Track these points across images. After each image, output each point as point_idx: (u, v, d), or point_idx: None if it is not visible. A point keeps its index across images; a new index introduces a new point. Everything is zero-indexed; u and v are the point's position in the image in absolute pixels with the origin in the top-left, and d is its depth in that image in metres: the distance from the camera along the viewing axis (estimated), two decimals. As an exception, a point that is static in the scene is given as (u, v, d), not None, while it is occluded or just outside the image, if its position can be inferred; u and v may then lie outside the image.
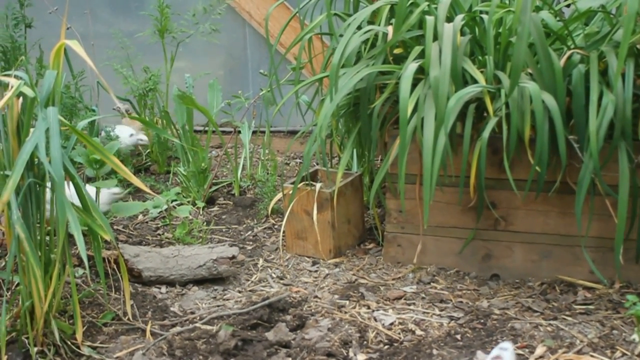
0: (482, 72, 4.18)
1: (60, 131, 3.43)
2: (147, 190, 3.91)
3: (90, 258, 4.09)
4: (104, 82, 3.85)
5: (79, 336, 3.62)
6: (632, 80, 3.88)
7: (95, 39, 6.82)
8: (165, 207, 4.95)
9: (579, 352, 3.60)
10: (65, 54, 5.77)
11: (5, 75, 3.61)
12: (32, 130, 3.44)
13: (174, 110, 5.77)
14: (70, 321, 3.79)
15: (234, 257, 4.46)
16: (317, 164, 5.30)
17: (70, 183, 3.59)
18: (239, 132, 5.99)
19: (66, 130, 4.04)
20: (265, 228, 5.22)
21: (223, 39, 6.49)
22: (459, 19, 4.19)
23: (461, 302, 4.16)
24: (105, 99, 6.01)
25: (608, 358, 3.59)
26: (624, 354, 3.62)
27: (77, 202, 3.65)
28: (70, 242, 3.73)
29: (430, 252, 4.53)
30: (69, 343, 3.67)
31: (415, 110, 4.10)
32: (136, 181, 3.81)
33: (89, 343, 3.76)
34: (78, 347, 3.66)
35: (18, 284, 3.75)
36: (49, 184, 3.58)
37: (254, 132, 6.11)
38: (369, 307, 4.12)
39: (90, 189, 4.25)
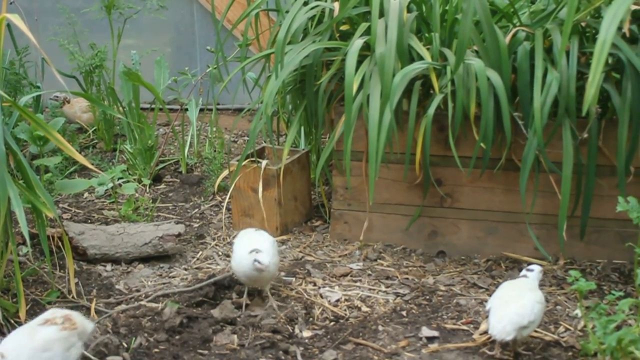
0: (428, 49, 4.19)
1: (1, 107, 3.38)
2: (92, 167, 3.87)
3: (34, 236, 4.06)
4: (46, 58, 3.79)
5: (22, 314, 3.58)
6: (576, 58, 3.92)
7: (40, 14, 6.73)
8: (111, 184, 4.90)
9: (522, 328, 3.63)
10: (10, 31, 5.72)
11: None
12: (-29, 105, 3.39)
13: (121, 87, 5.71)
14: (14, 299, 3.75)
15: (180, 234, 4.44)
16: (265, 141, 5.29)
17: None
18: (186, 109, 5.96)
19: (9, 107, 3.98)
20: (212, 206, 5.20)
21: (170, 16, 6.43)
22: (406, -5, 4.19)
23: (407, 278, 4.18)
24: (50, 75, 5.94)
25: (552, 333, 3.62)
26: (567, 329, 3.67)
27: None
28: (15, 220, 3.68)
29: (376, 229, 4.54)
30: (12, 321, 3.63)
31: (361, 87, 4.10)
32: (80, 158, 3.76)
33: (32, 321, 3.73)
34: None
35: (-41, 262, 3.71)
36: None
37: (201, 110, 6.07)
38: (315, 284, 4.12)
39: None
